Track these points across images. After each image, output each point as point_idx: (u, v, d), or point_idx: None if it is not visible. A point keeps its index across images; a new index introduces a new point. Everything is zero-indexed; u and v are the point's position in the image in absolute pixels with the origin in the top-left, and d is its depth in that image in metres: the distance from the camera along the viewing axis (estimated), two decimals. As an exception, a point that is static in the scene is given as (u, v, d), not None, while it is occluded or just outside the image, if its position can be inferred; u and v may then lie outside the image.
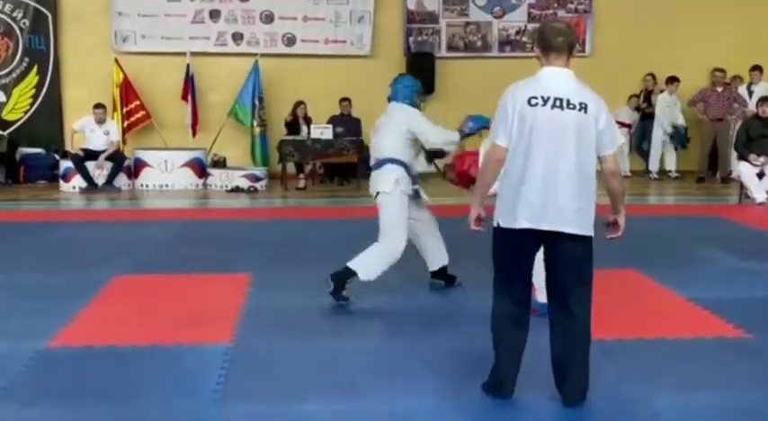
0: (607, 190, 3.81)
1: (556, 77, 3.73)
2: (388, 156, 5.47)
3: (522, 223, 3.63)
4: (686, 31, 13.00)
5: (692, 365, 4.36)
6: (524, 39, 13.29)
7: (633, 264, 6.52)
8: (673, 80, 12.59)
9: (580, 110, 3.65)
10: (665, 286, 5.92)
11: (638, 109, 13.06)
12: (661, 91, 12.93)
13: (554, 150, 3.62)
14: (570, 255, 3.69)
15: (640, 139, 13.22)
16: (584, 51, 13.22)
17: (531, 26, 13.26)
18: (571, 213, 3.62)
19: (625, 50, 12.83)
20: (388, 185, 5.39)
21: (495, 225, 3.75)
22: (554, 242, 3.67)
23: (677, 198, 11.01)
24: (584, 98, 3.69)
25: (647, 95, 13.04)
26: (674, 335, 4.83)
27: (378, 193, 5.42)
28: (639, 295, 5.75)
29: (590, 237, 3.70)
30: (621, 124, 12.90)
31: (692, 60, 12.90)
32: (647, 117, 13.03)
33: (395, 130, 5.48)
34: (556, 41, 3.74)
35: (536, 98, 3.65)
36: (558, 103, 3.64)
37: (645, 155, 13.26)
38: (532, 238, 3.67)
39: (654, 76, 13.01)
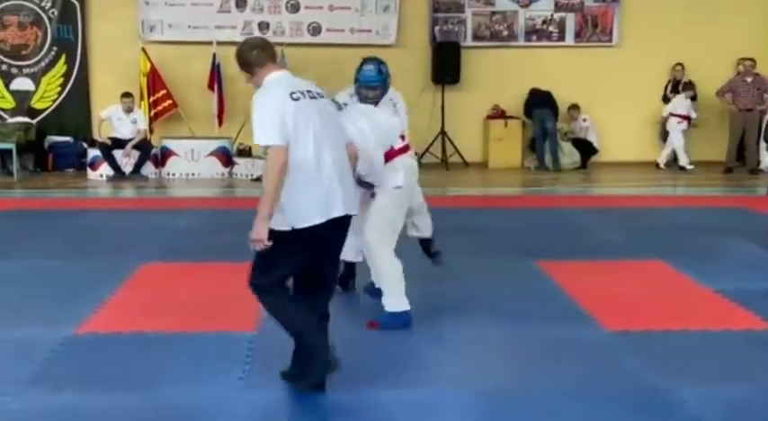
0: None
1: (286, 75, 3.83)
2: None
3: (329, 215, 3.66)
4: (715, 19, 12.84)
5: (720, 357, 4.33)
6: (551, 28, 13.20)
7: (660, 256, 6.48)
8: None
9: (323, 97, 3.80)
10: (693, 278, 5.87)
11: (665, 99, 12.93)
12: (687, 82, 12.81)
13: (333, 137, 3.72)
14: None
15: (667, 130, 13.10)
16: (611, 41, 13.13)
17: (557, 15, 13.16)
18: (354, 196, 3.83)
19: (653, 40, 12.70)
20: None
21: (285, 229, 3.64)
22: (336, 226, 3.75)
23: (704, 189, 10.90)
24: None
25: (675, 85, 12.91)
26: (700, 326, 4.80)
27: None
28: (666, 286, 5.71)
29: None
30: (680, 117, 12.62)
31: (720, 49, 12.76)
32: (674, 107, 12.91)
33: None
34: (252, 56, 3.83)
35: (295, 93, 3.65)
36: (310, 94, 3.71)
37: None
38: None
39: (683, 66, 12.86)
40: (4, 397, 3.75)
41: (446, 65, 12.68)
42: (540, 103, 12.61)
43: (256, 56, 3.82)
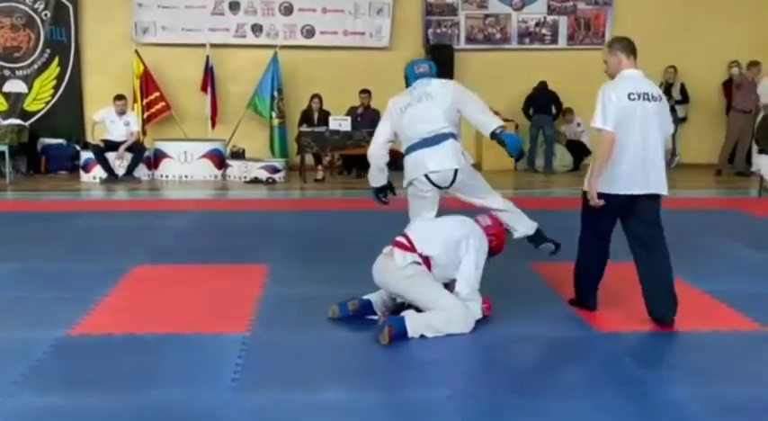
0: None
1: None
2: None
3: None
4: (707, 22, 12.92)
5: (709, 358, 4.36)
6: (543, 31, 13.25)
7: (650, 257, 6.50)
8: None
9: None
10: (682, 279, 5.85)
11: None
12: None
13: None
14: None
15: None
16: (603, 44, 13.12)
17: (550, 18, 13.22)
18: None
19: (645, 42, 12.63)
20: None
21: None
22: None
23: (695, 191, 10.95)
24: None
25: (668, 88, 12.95)
26: (690, 327, 4.82)
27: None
28: (656, 288, 5.72)
29: None
30: None
31: (712, 52, 12.83)
32: (667, 110, 12.94)
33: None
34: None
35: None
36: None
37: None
38: None
39: (675, 69, 12.91)
40: (-4, 398, 3.76)
41: (439, 67, 12.50)
42: (540, 107, 12.63)
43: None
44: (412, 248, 4.73)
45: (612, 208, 4.74)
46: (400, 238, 4.85)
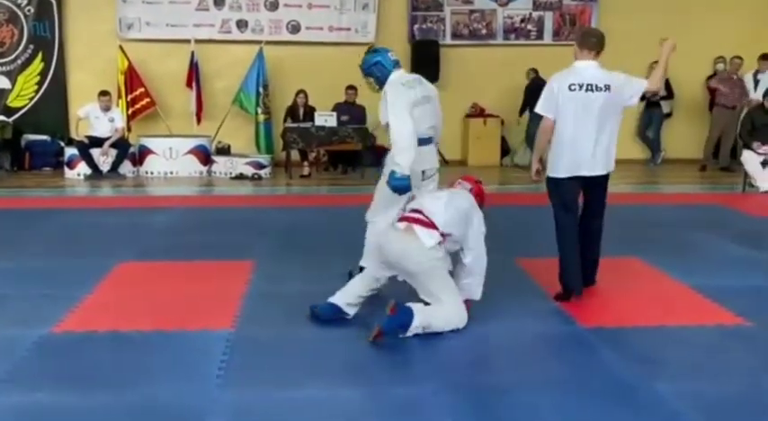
0: None
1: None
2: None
3: None
4: (693, 18, 12.96)
5: (694, 353, 4.37)
6: (529, 26, 13.26)
7: (637, 252, 6.53)
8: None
9: None
10: (669, 274, 5.93)
11: (643, 97, 12.98)
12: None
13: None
14: None
15: (645, 127, 13.19)
16: (589, 39, 13.18)
17: (535, 14, 13.23)
18: None
19: (631, 38, 12.76)
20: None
21: None
22: None
23: (681, 186, 11.00)
24: None
25: (653, 83, 12.97)
26: (675, 322, 4.85)
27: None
28: (642, 283, 5.76)
29: None
30: None
31: (697, 48, 12.86)
32: (652, 105, 12.99)
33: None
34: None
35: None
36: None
37: (649, 142, 13.24)
38: None
39: (660, 64, 12.95)
40: (-21, 396, 3.73)
41: (425, 63, 12.67)
42: (536, 101, 12.50)
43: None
44: (433, 225, 4.63)
45: (572, 189, 5.21)
46: (415, 214, 4.70)
